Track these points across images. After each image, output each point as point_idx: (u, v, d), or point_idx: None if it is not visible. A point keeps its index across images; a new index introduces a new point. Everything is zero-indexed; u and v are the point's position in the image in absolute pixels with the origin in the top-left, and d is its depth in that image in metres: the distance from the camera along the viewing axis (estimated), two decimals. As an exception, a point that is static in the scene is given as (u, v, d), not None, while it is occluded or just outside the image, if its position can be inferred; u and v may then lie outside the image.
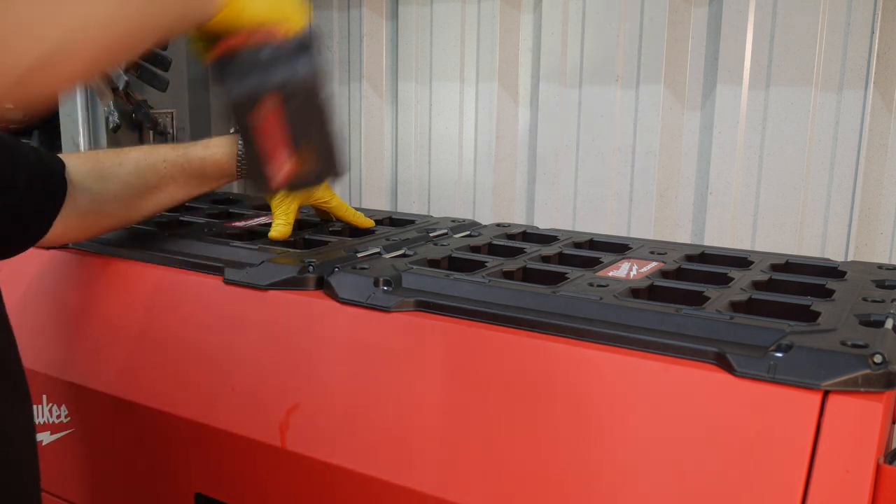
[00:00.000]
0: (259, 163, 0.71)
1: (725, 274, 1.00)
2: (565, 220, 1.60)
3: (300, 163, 0.71)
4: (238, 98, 0.66)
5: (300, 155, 0.71)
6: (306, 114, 0.70)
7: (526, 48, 1.62)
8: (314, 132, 0.71)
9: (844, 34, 1.32)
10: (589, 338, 0.83)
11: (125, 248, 1.18)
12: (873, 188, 1.34)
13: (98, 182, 1.08)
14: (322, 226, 1.31)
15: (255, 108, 0.67)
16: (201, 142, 1.20)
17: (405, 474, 0.83)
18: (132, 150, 1.15)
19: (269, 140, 0.70)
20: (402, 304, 0.93)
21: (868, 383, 0.69)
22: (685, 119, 1.46)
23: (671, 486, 0.72)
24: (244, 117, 0.68)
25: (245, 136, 0.70)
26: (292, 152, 0.71)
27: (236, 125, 0.71)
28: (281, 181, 0.73)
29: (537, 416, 0.80)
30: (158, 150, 1.16)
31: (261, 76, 0.66)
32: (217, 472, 0.98)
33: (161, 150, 1.16)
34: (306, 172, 0.72)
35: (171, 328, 1.07)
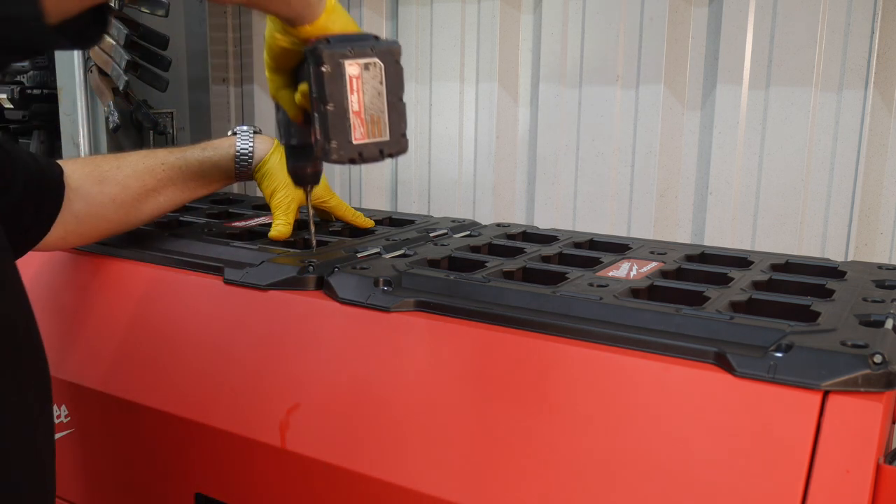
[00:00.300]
0: (333, 127, 0.73)
1: (725, 274, 1.00)
2: (565, 220, 1.60)
3: (370, 133, 0.74)
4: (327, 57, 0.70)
5: (371, 124, 0.73)
6: (382, 87, 0.73)
7: (526, 48, 1.62)
8: (386, 104, 0.74)
9: (844, 34, 1.32)
10: (589, 338, 0.83)
11: (125, 248, 1.18)
12: (873, 188, 1.34)
13: (96, 186, 1.08)
14: (322, 226, 1.31)
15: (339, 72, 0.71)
16: (200, 144, 1.20)
17: (405, 474, 0.83)
18: (130, 154, 1.15)
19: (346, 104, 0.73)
20: (402, 304, 0.93)
21: (868, 383, 0.69)
22: (685, 119, 1.46)
23: (671, 486, 0.72)
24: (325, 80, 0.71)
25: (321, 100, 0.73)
26: (364, 121, 0.73)
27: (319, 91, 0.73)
28: (352, 150, 0.75)
29: (537, 416, 0.80)
30: (157, 153, 1.16)
31: (350, 43, 0.71)
32: (217, 472, 0.98)
33: (159, 154, 1.16)
34: (376, 143, 0.75)
35: (171, 328, 1.07)
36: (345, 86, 0.73)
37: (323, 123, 0.74)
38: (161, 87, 1.75)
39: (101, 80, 1.72)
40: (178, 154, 1.17)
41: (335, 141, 0.74)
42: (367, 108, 0.74)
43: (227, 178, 1.21)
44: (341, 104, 0.73)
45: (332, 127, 0.74)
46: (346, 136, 0.74)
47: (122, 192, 1.11)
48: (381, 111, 0.75)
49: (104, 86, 1.73)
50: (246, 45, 1.98)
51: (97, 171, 1.09)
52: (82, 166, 1.09)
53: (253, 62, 1.97)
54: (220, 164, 1.19)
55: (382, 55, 0.75)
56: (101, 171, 1.10)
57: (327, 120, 0.74)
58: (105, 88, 1.73)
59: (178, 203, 1.18)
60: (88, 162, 1.11)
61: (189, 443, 1.00)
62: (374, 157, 0.76)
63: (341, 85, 0.73)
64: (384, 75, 0.74)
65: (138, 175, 1.12)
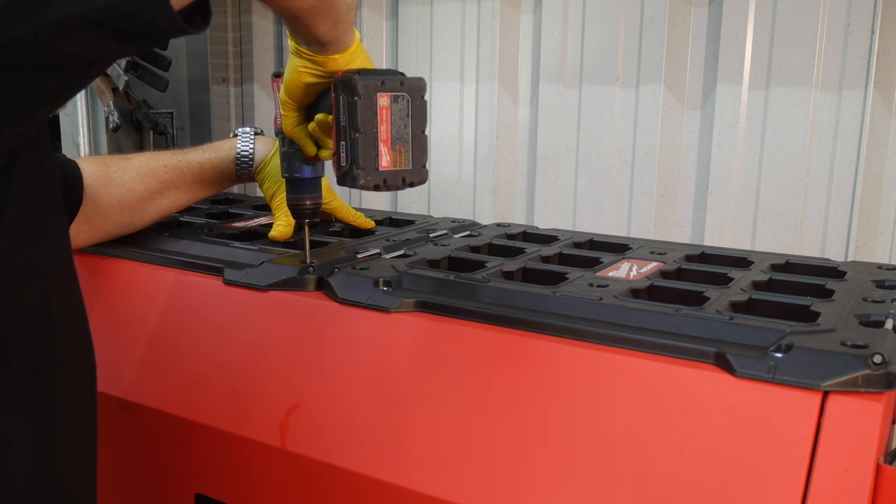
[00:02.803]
0: (363, 153, 0.77)
1: (725, 274, 1.00)
2: (565, 220, 1.60)
3: (395, 161, 0.78)
4: (362, 89, 0.75)
5: (396, 153, 0.78)
6: (408, 120, 0.78)
7: (526, 48, 1.62)
8: (411, 135, 0.79)
9: (844, 34, 1.32)
10: (589, 338, 0.83)
11: (125, 248, 1.18)
12: (873, 188, 1.34)
13: (104, 187, 1.09)
14: (322, 226, 1.31)
15: (372, 102, 0.76)
16: (201, 146, 1.21)
17: (405, 474, 0.83)
18: (135, 156, 1.17)
19: (377, 132, 0.77)
20: (402, 304, 0.93)
21: (868, 383, 0.69)
22: (685, 119, 1.46)
23: (672, 486, 0.72)
24: (358, 109, 0.75)
25: (353, 128, 0.76)
26: (390, 149, 0.78)
27: (351, 119, 0.77)
28: (378, 175, 0.79)
29: (537, 417, 0.80)
30: (160, 156, 1.18)
31: (380, 76, 0.76)
32: (217, 472, 0.98)
33: (163, 156, 1.17)
34: (399, 171, 0.79)
35: (171, 329, 1.07)
36: (375, 115, 0.76)
37: (353, 150, 0.77)
38: (161, 87, 1.75)
39: (101, 80, 1.72)
40: (180, 156, 1.18)
41: (363, 167, 0.78)
42: (394, 138, 0.78)
43: (229, 179, 1.21)
44: (371, 133, 0.77)
45: (362, 154, 0.77)
46: (373, 162, 0.77)
47: (128, 194, 1.12)
48: (406, 142, 0.79)
49: (104, 86, 1.73)
50: (246, 45, 1.98)
51: (105, 171, 1.11)
52: (91, 166, 1.10)
53: (253, 62, 1.97)
54: (221, 166, 1.19)
55: (410, 89, 0.79)
56: (108, 171, 1.11)
57: (357, 147, 0.77)
58: (105, 88, 1.73)
59: (182, 205, 1.19)
60: (97, 162, 1.13)
61: (189, 443, 1.00)
62: (396, 184, 0.80)
63: (373, 114, 0.76)
64: (411, 108, 0.78)
65: (142, 178, 1.14)
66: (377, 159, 0.78)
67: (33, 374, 0.75)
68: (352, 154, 0.77)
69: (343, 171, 0.79)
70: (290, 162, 1.00)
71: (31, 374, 0.74)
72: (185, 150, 1.20)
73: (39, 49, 0.60)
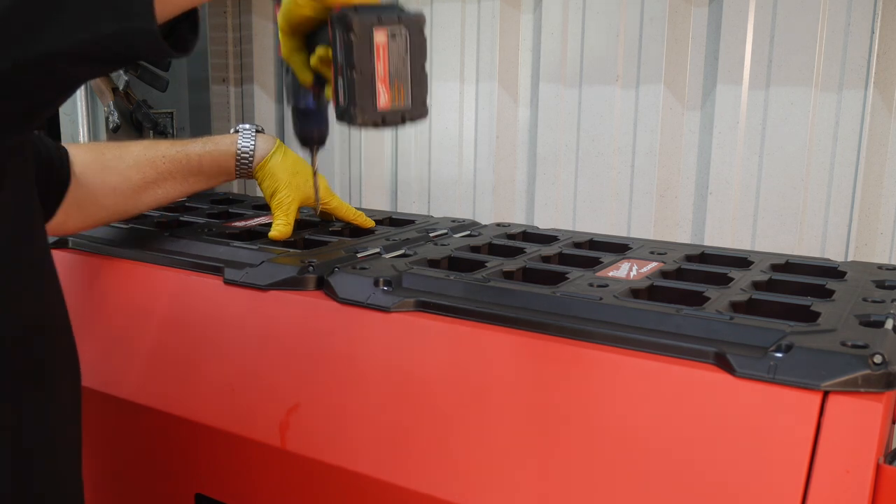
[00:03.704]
0: (360, 92, 0.75)
1: (725, 274, 1.00)
2: (565, 220, 1.60)
3: (394, 99, 0.76)
4: (357, 26, 0.73)
5: (395, 91, 0.76)
6: (406, 56, 0.76)
7: (526, 48, 1.62)
8: (410, 72, 0.76)
9: (844, 34, 1.32)
10: (589, 338, 0.83)
11: (125, 248, 1.18)
12: (873, 188, 1.34)
13: (98, 174, 1.09)
14: (322, 226, 1.31)
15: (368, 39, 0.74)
16: (201, 139, 1.21)
17: (405, 474, 0.83)
18: (133, 144, 1.16)
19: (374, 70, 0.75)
20: (402, 304, 0.93)
21: (868, 383, 0.69)
22: (685, 119, 1.46)
23: (671, 487, 0.72)
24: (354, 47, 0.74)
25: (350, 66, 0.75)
26: (388, 88, 0.76)
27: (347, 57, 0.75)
28: (376, 115, 0.77)
29: (537, 417, 0.80)
30: (158, 145, 1.17)
31: (377, 12, 0.74)
32: (217, 472, 0.98)
33: (161, 146, 1.17)
34: (398, 109, 0.77)
35: (171, 328, 1.07)
36: (372, 53, 0.74)
37: (349, 89, 0.76)
38: (161, 87, 1.75)
39: (101, 80, 1.72)
40: (179, 147, 1.17)
41: (360, 106, 0.76)
42: (392, 75, 0.76)
43: (227, 175, 1.21)
44: (368, 71, 0.75)
45: (359, 93, 0.76)
46: (371, 101, 0.76)
47: (124, 182, 1.12)
48: (404, 79, 0.77)
49: (104, 86, 1.73)
50: (246, 45, 1.98)
51: (100, 158, 1.10)
52: (86, 152, 1.09)
53: (253, 62, 1.97)
54: (220, 160, 1.19)
55: (409, 24, 0.77)
56: (104, 159, 1.10)
57: (354, 86, 0.75)
58: (105, 88, 1.73)
59: (177, 196, 1.19)
60: (92, 148, 1.12)
61: (189, 443, 1.00)
62: (395, 121, 0.78)
63: (369, 52, 0.74)
64: (409, 44, 0.76)
65: (139, 167, 1.13)
66: (375, 98, 0.76)
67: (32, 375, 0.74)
68: (349, 93, 0.76)
69: (341, 109, 0.78)
70: (295, 91, 0.99)
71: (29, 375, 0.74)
72: (185, 142, 1.19)
73: (19, 80, 0.59)
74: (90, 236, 1.24)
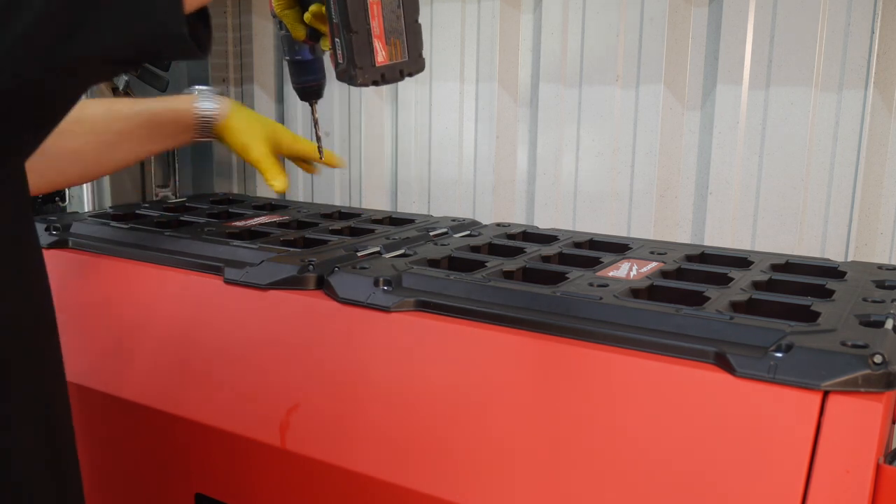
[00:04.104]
0: (358, 52, 0.78)
1: (725, 274, 1.00)
2: (565, 220, 1.60)
3: (391, 55, 0.79)
4: None
5: (392, 47, 0.78)
6: (400, 11, 0.78)
7: (526, 48, 1.62)
8: (404, 29, 0.79)
9: (844, 34, 1.32)
10: (589, 338, 0.83)
11: (125, 248, 1.18)
12: (873, 188, 1.34)
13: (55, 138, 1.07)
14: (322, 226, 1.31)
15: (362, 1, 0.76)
16: (159, 98, 1.21)
17: (405, 474, 0.83)
18: (90, 105, 1.15)
19: (370, 29, 0.77)
20: (402, 304, 0.93)
21: (868, 383, 0.69)
22: (685, 119, 1.46)
23: (671, 486, 0.72)
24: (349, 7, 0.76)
25: (346, 27, 0.77)
26: (385, 44, 0.78)
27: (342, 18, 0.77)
28: (375, 72, 0.79)
29: (537, 416, 0.80)
30: (116, 104, 1.16)
31: None
32: (217, 472, 0.98)
33: (120, 106, 1.16)
34: (396, 64, 0.80)
35: (171, 328, 1.07)
36: (367, 12, 0.76)
37: (348, 49, 0.77)
38: (161, 86, 1.75)
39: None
40: (138, 107, 1.17)
41: (360, 65, 0.78)
42: (388, 31, 0.78)
43: (187, 132, 1.22)
44: (364, 30, 0.77)
45: (357, 52, 0.77)
46: (370, 59, 0.77)
47: (84, 146, 1.11)
48: (400, 34, 0.79)
49: (104, 86, 1.73)
50: (246, 45, 1.98)
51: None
52: None
53: (253, 62, 1.97)
54: (180, 119, 1.20)
55: None
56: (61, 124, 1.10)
57: (352, 45, 0.77)
58: (105, 88, 1.73)
59: (139, 156, 1.20)
60: None
61: (189, 443, 1.00)
62: (394, 77, 0.80)
63: (364, 11, 0.76)
64: (402, 0, 0.78)
65: (98, 130, 1.12)
66: (373, 56, 0.78)
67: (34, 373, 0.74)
68: (347, 53, 0.77)
69: (341, 68, 0.79)
70: (289, 45, 1.01)
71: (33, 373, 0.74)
72: (143, 101, 1.19)
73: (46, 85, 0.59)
74: (90, 236, 1.24)
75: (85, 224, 1.28)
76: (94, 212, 1.44)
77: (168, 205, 1.48)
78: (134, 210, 1.42)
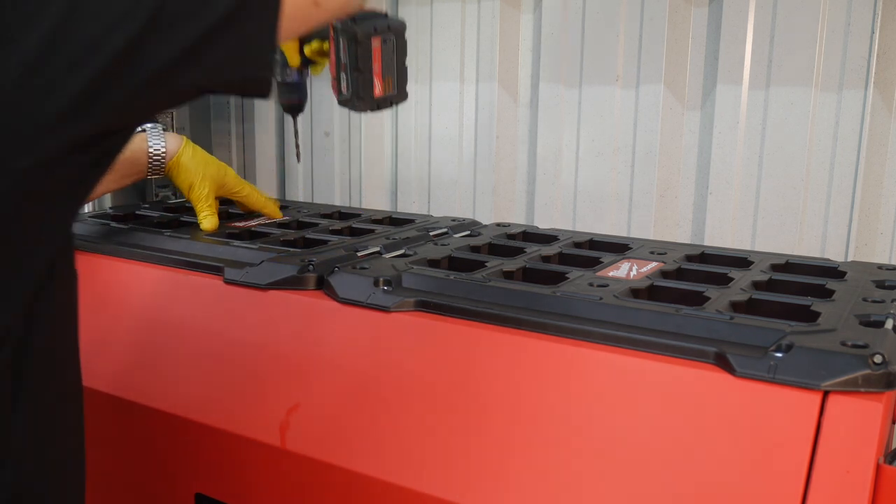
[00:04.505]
0: (362, 87, 0.94)
1: (725, 274, 1.00)
2: (565, 220, 1.60)
3: (385, 89, 0.95)
4: (361, 36, 0.91)
5: (385, 82, 0.95)
6: (393, 55, 0.94)
7: (526, 48, 1.62)
8: (396, 69, 0.96)
9: (844, 34, 1.32)
10: (589, 338, 0.83)
11: (125, 248, 1.18)
12: (873, 188, 1.34)
13: None
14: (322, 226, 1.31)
15: (368, 46, 0.92)
16: None
17: (405, 474, 0.83)
18: None
19: (372, 69, 0.93)
20: (402, 304, 0.93)
21: (868, 383, 0.69)
22: (685, 119, 1.46)
23: (671, 486, 0.72)
24: (358, 53, 0.92)
25: (353, 67, 0.93)
26: (381, 80, 0.95)
27: (351, 60, 0.93)
28: (373, 103, 0.96)
29: (537, 416, 0.80)
30: None
31: (374, 21, 0.92)
32: (217, 472, 0.98)
33: None
34: (388, 96, 0.96)
35: (171, 328, 1.07)
36: (370, 56, 0.92)
37: (354, 84, 0.94)
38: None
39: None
40: None
41: (362, 97, 0.94)
42: (384, 71, 0.94)
43: (139, 174, 1.25)
44: (368, 70, 0.93)
45: (361, 87, 0.94)
46: (369, 92, 0.94)
47: None
48: (392, 72, 0.95)
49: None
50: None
51: None
52: None
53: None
54: (133, 159, 1.22)
55: (396, 31, 0.95)
56: None
57: (358, 82, 0.93)
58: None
59: (94, 196, 1.26)
60: None
61: (189, 443, 1.00)
62: (385, 106, 0.97)
63: (369, 56, 0.92)
64: (395, 46, 0.95)
65: None
66: (372, 90, 0.95)
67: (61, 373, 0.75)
68: (352, 87, 0.94)
69: (344, 98, 0.96)
70: (281, 68, 1.17)
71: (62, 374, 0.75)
72: None
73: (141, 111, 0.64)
74: (90, 236, 1.24)
75: (85, 224, 1.28)
76: (94, 212, 1.44)
77: (168, 205, 1.48)
78: (134, 210, 1.42)
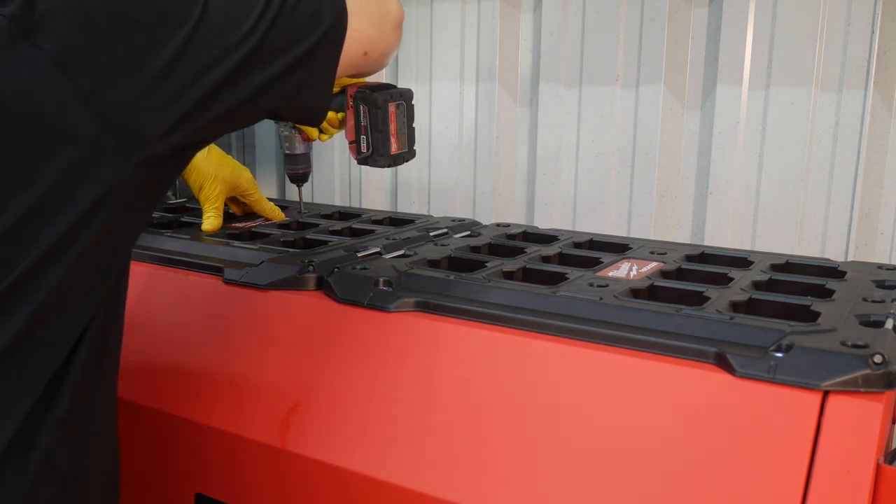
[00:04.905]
0: (382, 145, 1.06)
1: (725, 274, 1.00)
2: (565, 220, 1.60)
3: (399, 147, 1.08)
4: (381, 102, 1.04)
5: (399, 141, 1.07)
6: (405, 116, 1.08)
7: (526, 48, 1.61)
8: (407, 130, 1.08)
9: (844, 34, 1.32)
10: (589, 338, 0.83)
11: (125, 248, 1.17)
12: (873, 188, 1.34)
13: None
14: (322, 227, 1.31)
15: (386, 110, 1.05)
16: None
17: (404, 474, 0.83)
18: None
19: (389, 130, 1.06)
20: (402, 304, 0.93)
21: (868, 383, 0.69)
22: (685, 119, 1.46)
23: (671, 486, 0.72)
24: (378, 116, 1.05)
25: (374, 129, 1.05)
26: (396, 140, 1.07)
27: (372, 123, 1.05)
28: (391, 159, 1.07)
29: (537, 416, 0.80)
30: None
31: (387, 91, 1.06)
32: (217, 472, 0.98)
33: None
34: (402, 153, 1.08)
35: (171, 328, 1.07)
36: (388, 118, 1.06)
37: (375, 144, 1.06)
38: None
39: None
40: None
41: (382, 155, 1.06)
42: (398, 132, 1.07)
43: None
44: (386, 130, 1.06)
45: (381, 145, 1.06)
46: (388, 150, 1.07)
47: None
48: (404, 133, 1.08)
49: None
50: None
51: None
52: None
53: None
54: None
55: (405, 98, 1.08)
56: None
57: (378, 141, 1.06)
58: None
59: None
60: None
61: (189, 443, 1.00)
62: (400, 161, 1.09)
63: (387, 118, 1.06)
64: (406, 110, 1.08)
65: None
66: (390, 148, 1.06)
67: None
68: (373, 146, 1.06)
69: (364, 156, 1.06)
70: (290, 141, 1.29)
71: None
72: None
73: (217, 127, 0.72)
74: (90, 236, 1.24)
75: (85, 224, 1.27)
76: (94, 212, 1.44)
77: (168, 205, 1.48)
78: (134, 210, 1.41)
